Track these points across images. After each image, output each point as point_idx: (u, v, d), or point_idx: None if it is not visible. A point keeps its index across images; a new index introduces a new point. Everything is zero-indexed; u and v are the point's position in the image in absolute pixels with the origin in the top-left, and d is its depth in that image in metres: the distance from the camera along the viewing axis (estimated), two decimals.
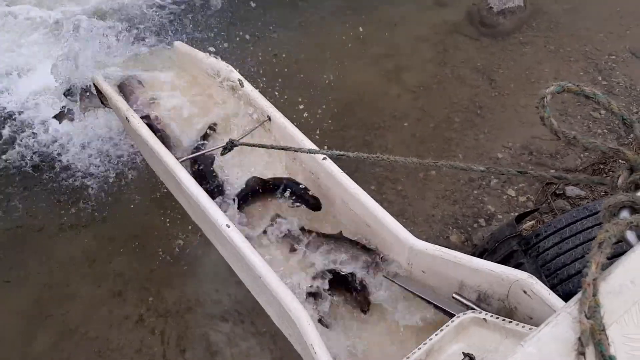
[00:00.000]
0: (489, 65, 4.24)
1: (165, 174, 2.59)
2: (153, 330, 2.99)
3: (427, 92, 4.12)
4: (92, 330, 3.01)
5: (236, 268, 2.36)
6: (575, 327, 0.95)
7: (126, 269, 3.23)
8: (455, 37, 4.52)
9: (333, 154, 1.88)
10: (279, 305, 1.93)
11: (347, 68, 4.33)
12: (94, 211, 3.50)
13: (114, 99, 2.74)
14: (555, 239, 2.25)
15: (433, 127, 3.87)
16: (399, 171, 3.58)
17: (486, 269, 1.83)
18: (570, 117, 3.78)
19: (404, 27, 4.64)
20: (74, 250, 3.34)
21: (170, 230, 3.31)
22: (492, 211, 3.33)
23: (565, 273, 2.14)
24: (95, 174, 3.64)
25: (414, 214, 3.38)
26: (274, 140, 2.56)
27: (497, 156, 3.62)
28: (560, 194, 3.28)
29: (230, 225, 2.11)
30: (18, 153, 3.81)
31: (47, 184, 3.65)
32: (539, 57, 4.26)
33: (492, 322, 1.66)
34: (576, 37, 4.38)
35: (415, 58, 4.39)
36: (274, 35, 4.62)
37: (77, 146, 3.75)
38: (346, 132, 3.86)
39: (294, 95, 4.06)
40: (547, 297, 1.68)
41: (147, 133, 2.53)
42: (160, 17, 4.83)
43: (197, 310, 3.04)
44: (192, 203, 2.32)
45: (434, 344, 1.67)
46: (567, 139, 1.20)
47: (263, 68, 4.17)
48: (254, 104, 2.61)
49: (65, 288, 3.19)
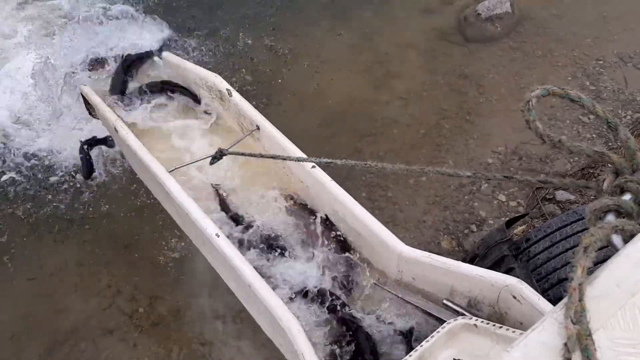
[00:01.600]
0: (478, 72, 4.26)
1: (153, 183, 2.58)
2: (144, 341, 2.97)
3: (416, 98, 4.13)
4: (82, 341, 2.99)
5: (226, 277, 2.35)
6: (561, 333, 0.94)
7: (116, 279, 3.21)
8: (444, 44, 4.54)
9: (321, 161, 1.88)
10: (269, 314, 1.92)
11: (336, 75, 4.34)
12: (84, 219, 3.48)
13: (101, 109, 2.73)
14: (545, 243, 2.25)
15: (423, 134, 3.88)
16: (390, 178, 3.58)
17: (475, 275, 1.82)
18: (559, 121, 3.80)
19: (393, 34, 4.65)
20: (63, 259, 3.32)
21: (160, 240, 3.29)
22: (483, 216, 3.33)
23: (556, 277, 2.13)
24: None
25: (404, 220, 3.38)
26: (263, 150, 2.56)
27: (487, 161, 3.63)
28: (551, 199, 3.29)
29: (219, 234, 2.11)
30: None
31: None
32: (527, 63, 4.28)
33: (483, 328, 1.66)
34: (564, 43, 4.40)
35: (405, 65, 4.40)
36: (263, 42, 4.62)
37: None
38: (336, 139, 3.86)
39: (283, 104, 4.08)
40: (537, 302, 1.67)
41: (136, 143, 2.51)
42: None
43: (188, 320, 3.03)
44: (181, 212, 2.31)
45: (425, 350, 1.66)
46: (552, 142, 1.20)
47: (251, 77, 4.19)
48: (243, 113, 2.60)
49: (54, 298, 3.17)
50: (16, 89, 4.02)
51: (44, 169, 3.74)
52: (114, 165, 3.63)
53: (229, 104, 2.67)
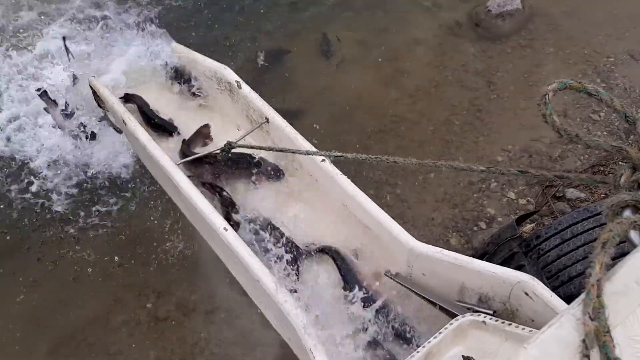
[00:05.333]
0: (488, 69, 4.23)
1: (162, 176, 2.57)
2: (152, 335, 2.96)
3: (426, 95, 4.11)
4: (91, 336, 2.99)
5: (234, 271, 2.34)
6: (579, 329, 0.92)
7: (124, 274, 3.21)
8: (454, 41, 4.51)
9: (331, 155, 1.86)
10: (277, 309, 1.91)
11: (345, 72, 4.32)
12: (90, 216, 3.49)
13: (110, 101, 2.72)
14: (556, 241, 2.23)
15: (432, 131, 3.85)
16: (398, 175, 3.56)
17: (487, 271, 1.81)
18: (570, 119, 3.76)
19: (403, 31, 4.62)
20: (73, 256, 3.32)
21: (169, 235, 3.29)
22: (492, 214, 3.31)
23: (566, 275, 2.11)
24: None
25: (413, 218, 3.37)
26: (272, 143, 2.54)
27: (497, 159, 3.61)
28: (561, 197, 3.26)
29: (228, 228, 2.09)
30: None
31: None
32: (537, 60, 4.25)
33: (492, 325, 1.65)
34: (575, 40, 4.37)
35: (414, 62, 4.37)
36: (271, 39, 4.60)
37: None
38: (345, 136, 3.84)
39: (292, 100, 4.06)
40: (549, 299, 1.66)
41: (145, 136, 2.51)
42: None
43: (197, 314, 3.02)
44: (190, 206, 2.30)
45: (433, 346, 1.65)
46: (569, 136, 1.18)
47: (260, 73, 4.17)
48: (252, 106, 2.59)
49: (64, 295, 3.17)
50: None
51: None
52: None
53: (238, 96, 2.66)
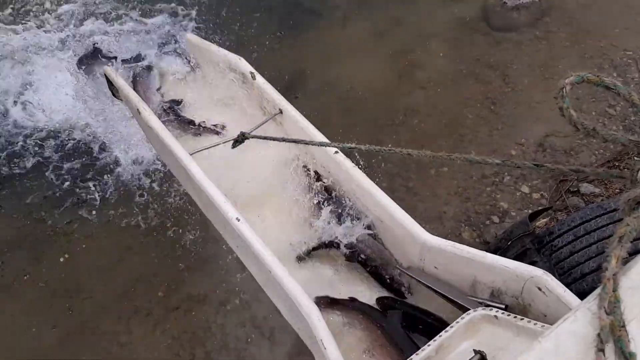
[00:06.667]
0: (503, 62, 4.19)
1: (175, 165, 2.58)
2: (162, 325, 2.98)
3: (440, 88, 4.08)
4: (102, 325, 3.02)
5: (246, 262, 2.35)
6: (594, 323, 0.92)
7: (136, 265, 3.23)
8: (468, 33, 4.47)
9: (345, 146, 1.86)
10: (289, 299, 1.92)
11: (358, 64, 4.30)
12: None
13: (125, 90, 2.73)
14: (569, 237, 2.21)
15: (445, 124, 3.83)
16: (410, 168, 3.55)
17: (500, 265, 1.80)
18: (585, 113, 3.72)
19: (417, 23, 4.60)
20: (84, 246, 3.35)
21: (182, 224, 3.31)
22: (505, 208, 3.29)
23: (578, 272, 2.10)
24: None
25: (425, 211, 3.35)
26: (286, 134, 2.54)
27: (511, 153, 3.58)
28: (575, 191, 3.23)
29: (240, 218, 2.10)
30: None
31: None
32: (553, 53, 4.20)
33: (504, 320, 1.64)
34: (591, 33, 4.32)
35: (428, 54, 4.35)
36: (285, 33, 4.59)
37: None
38: (357, 129, 3.83)
39: (305, 92, 4.06)
40: (563, 294, 1.65)
41: (159, 125, 2.51)
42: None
43: (208, 304, 3.04)
44: (202, 196, 2.31)
45: (444, 340, 1.64)
46: (586, 130, 1.17)
47: (274, 65, 4.16)
48: (266, 97, 2.58)
49: (76, 283, 3.20)
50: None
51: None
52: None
53: (252, 87, 2.66)
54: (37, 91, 4.08)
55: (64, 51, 4.28)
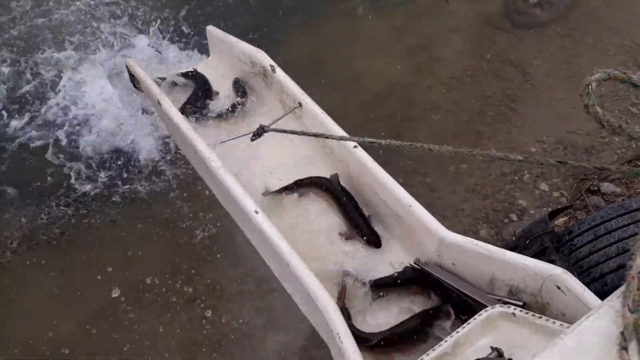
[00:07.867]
0: (524, 58, 4.15)
1: (195, 158, 2.60)
2: (180, 316, 3.00)
3: (459, 84, 4.05)
4: (120, 313, 3.04)
5: (264, 254, 2.36)
6: (617, 321, 0.91)
7: (155, 254, 3.25)
8: (489, 29, 4.43)
9: (364, 141, 1.86)
10: (306, 292, 1.92)
11: (378, 59, 4.28)
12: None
13: (146, 82, 2.75)
14: (589, 237, 2.19)
15: (465, 120, 3.80)
16: (429, 164, 3.52)
17: (519, 263, 1.79)
18: (607, 111, 3.62)
19: (437, 18, 4.57)
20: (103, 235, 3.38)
21: (199, 217, 3.32)
22: (524, 206, 3.26)
23: (598, 271, 2.08)
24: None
25: (442, 208, 3.33)
26: (305, 128, 2.55)
27: (531, 150, 3.55)
28: (595, 190, 3.20)
29: (258, 211, 2.11)
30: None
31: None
32: (576, 51, 4.15)
33: (522, 317, 1.63)
34: (615, 31, 4.25)
35: (448, 50, 4.32)
36: (304, 26, 4.59)
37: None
38: (376, 124, 3.81)
39: (324, 86, 4.05)
40: (582, 293, 1.64)
41: (179, 117, 2.53)
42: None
43: (226, 296, 3.04)
44: (222, 189, 2.33)
45: (461, 337, 1.64)
46: (612, 128, 1.16)
47: (293, 59, 4.16)
48: (286, 90, 2.59)
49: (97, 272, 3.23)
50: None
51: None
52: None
53: (272, 80, 2.66)
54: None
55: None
